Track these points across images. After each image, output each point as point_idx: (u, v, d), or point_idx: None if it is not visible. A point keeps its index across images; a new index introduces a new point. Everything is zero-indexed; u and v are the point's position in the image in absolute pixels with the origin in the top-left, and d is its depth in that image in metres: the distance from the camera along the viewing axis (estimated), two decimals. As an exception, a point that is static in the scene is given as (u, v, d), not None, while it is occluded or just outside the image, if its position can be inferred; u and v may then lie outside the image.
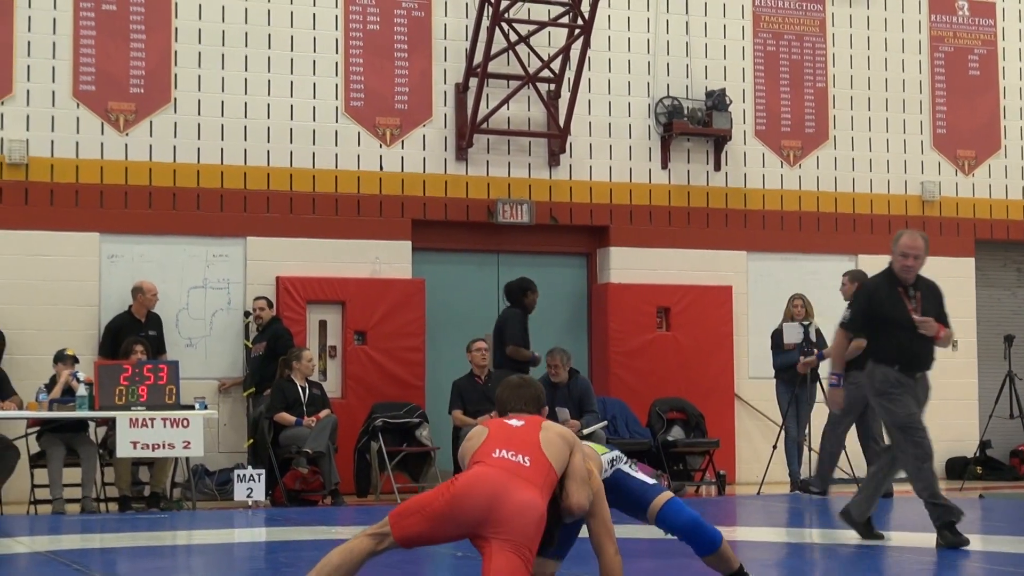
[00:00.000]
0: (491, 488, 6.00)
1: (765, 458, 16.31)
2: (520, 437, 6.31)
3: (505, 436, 6.30)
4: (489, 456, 6.18)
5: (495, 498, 5.97)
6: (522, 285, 16.14)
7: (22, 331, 15.48)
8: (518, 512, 5.96)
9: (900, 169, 19.25)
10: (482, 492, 5.98)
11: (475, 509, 5.94)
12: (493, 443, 6.25)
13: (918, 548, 9.90)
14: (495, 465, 6.11)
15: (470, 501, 5.95)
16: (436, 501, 5.99)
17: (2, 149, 15.72)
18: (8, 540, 11.10)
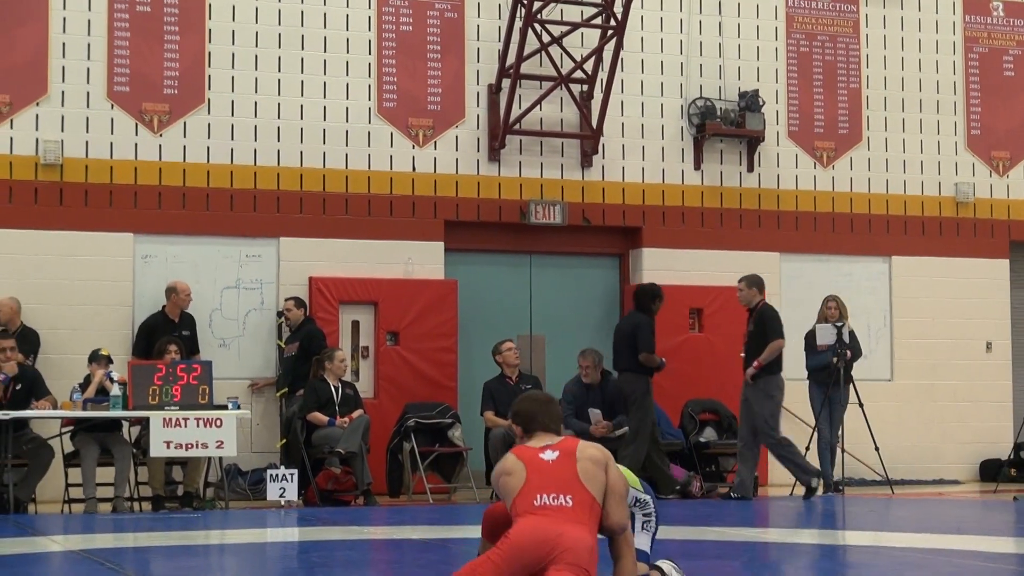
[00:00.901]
0: (543, 535, 6.18)
1: (798, 460, 16.25)
2: (558, 475, 6.42)
3: (543, 478, 6.40)
4: (531, 505, 6.31)
5: (548, 543, 6.16)
6: (652, 291, 15.91)
7: (56, 331, 15.55)
8: (572, 547, 6.16)
9: (934, 170, 19.18)
10: (535, 540, 6.16)
11: (533, 557, 6.13)
12: (534, 489, 6.36)
13: (960, 551, 9.85)
14: (540, 513, 6.25)
15: (527, 551, 6.14)
16: (494, 557, 6.16)
17: (37, 150, 15.79)
18: (42, 539, 11.15)
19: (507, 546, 6.17)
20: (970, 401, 18.88)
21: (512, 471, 6.47)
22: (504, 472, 6.51)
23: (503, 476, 6.51)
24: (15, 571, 9.13)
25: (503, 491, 6.47)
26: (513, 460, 6.54)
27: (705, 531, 11.92)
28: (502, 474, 6.52)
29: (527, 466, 6.48)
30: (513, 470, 6.47)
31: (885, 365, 18.66)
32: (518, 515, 6.31)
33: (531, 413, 6.77)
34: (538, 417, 6.73)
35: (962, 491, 17.45)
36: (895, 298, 18.80)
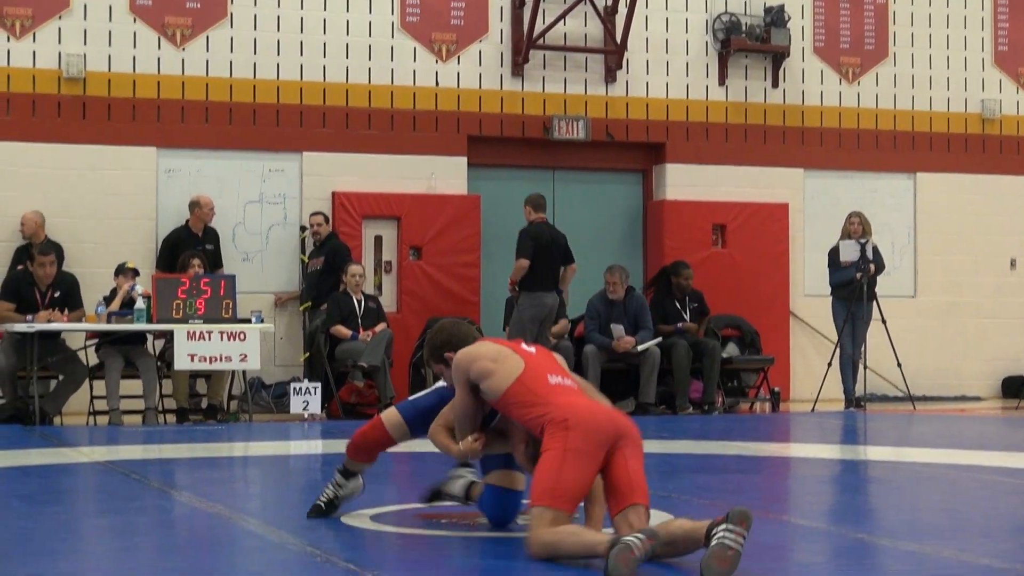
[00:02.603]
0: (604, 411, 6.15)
1: (819, 375, 16.29)
2: (549, 362, 6.39)
3: (539, 361, 6.32)
4: (547, 384, 6.20)
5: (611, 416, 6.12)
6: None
7: (80, 245, 15.59)
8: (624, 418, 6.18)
9: (960, 87, 19.04)
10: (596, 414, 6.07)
11: (608, 428, 6.02)
12: (541, 369, 6.27)
13: (982, 467, 9.87)
14: (563, 392, 6.18)
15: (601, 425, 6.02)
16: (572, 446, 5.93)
17: (60, 64, 15.77)
18: (68, 450, 11.25)
19: (584, 430, 5.96)
20: (993, 318, 18.86)
21: (498, 357, 6.30)
22: (485, 358, 6.31)
23: (483, 361, 6.29)
24: (42, 482, 9.22)
25: (492, 376, 6.23)
26: (494, 346, 6.38)
27: (726, 446, 11.98)
28: (481, 359, 6.30)
29: (515, 351, 6.36)
30: (499, 356, 6.30)
31: (908, 282, 18.63)
32: (537, 396, 6.14)
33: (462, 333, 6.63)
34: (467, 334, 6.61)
35: (984, 407, 17.47)
36: (919, 215, 18.73)
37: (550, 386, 6.21)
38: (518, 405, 6.19)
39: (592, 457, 5.96)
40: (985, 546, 6.33)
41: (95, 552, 6.45)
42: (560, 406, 6.08)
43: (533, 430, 6.17)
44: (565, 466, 5.92)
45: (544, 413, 6.08)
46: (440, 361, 6.62)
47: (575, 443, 5.94)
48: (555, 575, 5.65)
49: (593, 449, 5.95)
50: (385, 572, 5.59)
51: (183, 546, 6.55)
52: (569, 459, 5.92)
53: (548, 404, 6.10)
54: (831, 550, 6.38)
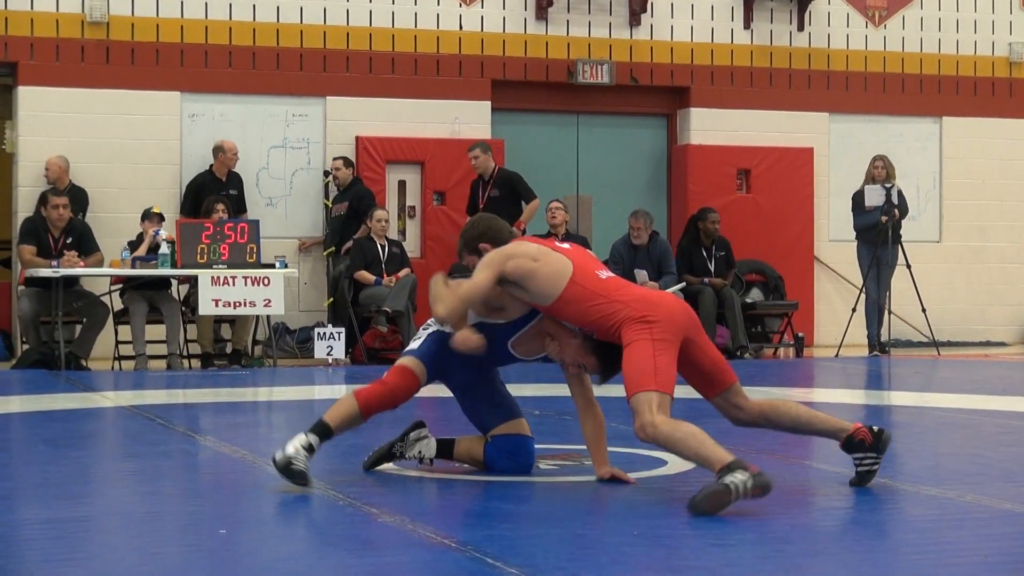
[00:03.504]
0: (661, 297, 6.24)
1: (843, 320, 16.27)
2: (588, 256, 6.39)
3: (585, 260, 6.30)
4: (598, 280, 6.17)
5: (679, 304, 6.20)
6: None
7: (105, 189, 15.62)
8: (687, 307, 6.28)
9: (987, 30, 18.90)
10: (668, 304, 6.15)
11: (683, 317, 6.13)
12: (588, 265, 6.25)
13: (1005, 412, 9.86)
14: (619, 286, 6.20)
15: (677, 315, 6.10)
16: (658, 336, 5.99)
17: (83, 8, 15.75)
18: (94, 394, 11.30)
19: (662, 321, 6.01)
20: (1018, 263, 18.79)
21: (539, 256, 6.19)
22: (526, 256, 6.18)
23: (524, 260, 6.17)
24: (68, 426, 9.27)
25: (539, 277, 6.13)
26: (533, 246, 6.27)
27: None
28: (519, 256, 6.18)
29: (555, 250, 6.27)
30: (541, 255, 6.19)
31: (934, 226, 18.56)
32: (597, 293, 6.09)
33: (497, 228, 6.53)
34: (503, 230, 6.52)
35: (1008, 353, 17.43)
36: (945, 159, 18.64)
37: (604, 282, 6.18)
38: (579, 303, 6.13)
39: (676, 347, 6.06)
40: (1007, 490, 6.33)
41: (119, 496, 6.49)
42: (629, 303, 6.09)
43: (601, 329, 6.15)
44: (659, 354, 5.98)
45: (616, 311, 6.07)
46: (474, 252, 6.50)
47: (660, 334, 6.00)
48: (587, 520, 5.67)
49: (675, 339, 6.05)
50: (408, 516, 5.61)
51: (207, 490, 6.59)
52: (660, 348, 5.99)
53: (615, 301, 6.10)
54: (853, 494, 6.38)
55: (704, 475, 6.77)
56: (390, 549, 5.15)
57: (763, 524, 5.54)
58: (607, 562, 4.86)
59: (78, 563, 4.94)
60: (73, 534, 5.41)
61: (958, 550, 5.13)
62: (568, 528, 5.46)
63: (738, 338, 15.68)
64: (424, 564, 4.90)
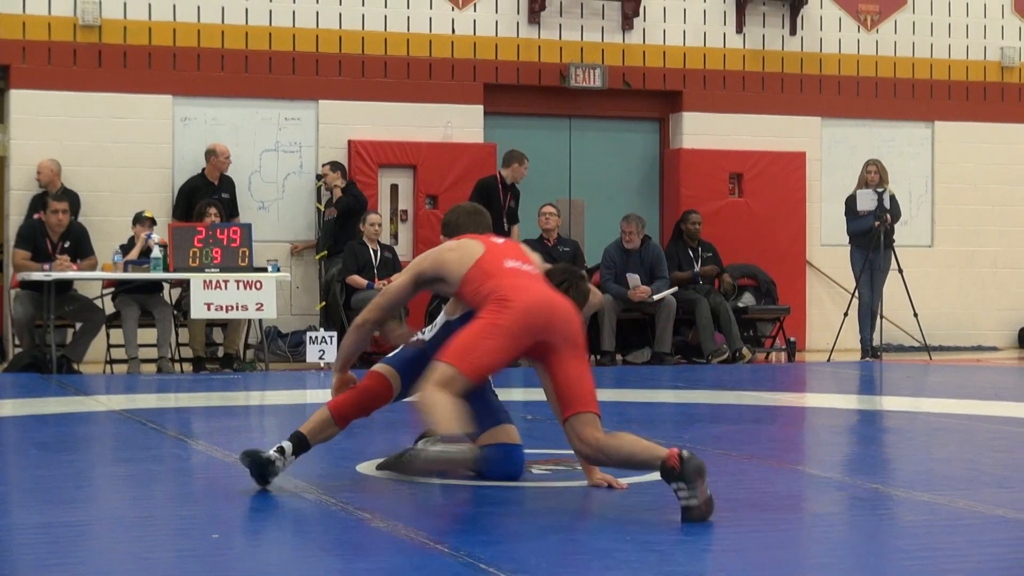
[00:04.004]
0: (540, 295, 6.00)
1: (835, 325, 16.27)
2: (513, 249, 6.29)
3: (500, 249, 6.22)
4: (502, 267, 6.09)
5: (549, 302, 5.98)
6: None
7: (97, 193, 15.60)
8: (570, 314, 6.01)
9: (979, 34, 18.92)
10: (537, 300, 5.96)
11: (542, 316, 5.92)
12: (497, 255, 6.17)
13: (997, 417, 9.88)
14: (515, 275, 6.07)
15: (537, 310, 5.92)
16: (502, 322, 5.88)
17: (75, 11, 15.74)
18: (86, 398, 11.29)
19: (517, 310, 5.89)
20: (1010, 268, 18.81)
21: (457, 247, 6.24)
22: (446, 249, 6.26)
23: (445, 252, 6.24)
24: (59, 430, 9.26)
25: (449, 264, 6.16)
26: (467, 242, 6.30)
27: (742, 395, 11.99)
28: (443, 250, 6.26)
29: (478, 240, 6.28)
30: (460, 245, 6.24)
31: (926, 231, 18.58)
32: (494, 277, 6.06)
33: (458, 223, 6.59)
34: (466, 226, 6.55)
35: (1000, 358, 17.45)
36: (937, 164, 18.65)
37: (504, 268, 6.12)
38: (472, 284, 6.10)
39: (517, 340, 5.90)
40: (999, 496, 6.34)
41: (111, 500, 6.48)
42: (506, 286, 6.01)
43: (478, 308, 6.10)
44: (488, 337, 5.88)
45: (492, 290, 6.00)
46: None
47: (506, 320, 5.89)
48: (569, 522, 5.67)
49: (520, 332, 5.89)
50: (400, 521, 5.61)
51: (199, 495, 6.58)
52: (495, 333, 5.88)
53: (498, 282, 6.03)
54: (846, 500, 6.39)
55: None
56: (382, 554, 5.15)
57: (756, 530, 5.54)
58: (599, 567, 4.87)
59: (71, 568, 4.94)
60: (66, 539, 5.41)
61: (950, 556, 5.13)
62: (560, 533, 5.46)
63: (733, 343, 15.67)
64: (416, 569, 4.90)
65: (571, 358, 5.95)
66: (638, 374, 14.15)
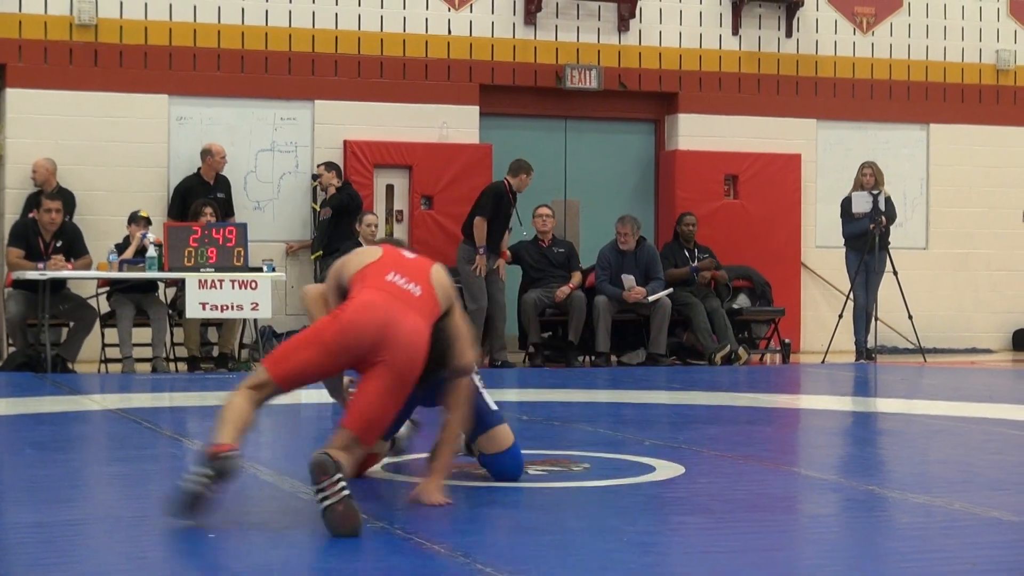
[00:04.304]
0: (383, 316, 5.80)
1: (830, 327, 16.28)
2: (414, 266, 6.13)
3: (398, 261, 6.12)
4: (381, 279, 5.98)
5: (386, 326, 5.78)
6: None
7: (92, 192, 15.59)
8: (407, 339, 5.80)
9: (975, 37, 18.95)
10: (373, 320, 5.78)
11: (366, 337, 5.75)
12: (386, 266, 6.06)
13: (992, 419, 9.88)
14: (385, 290, 5.93)
15: (361, 330, 5.76)
16: (324, 333, 5.80)
17: (72, 10, 15.74)
18: (80, 397, 11.28)
19: (344, 324, 5.77)
20: (1004, 270, 18.83)
21: (362, 252, 6.20)
22: (356, 254, 6.21)
23: (353, 257, 6.17)
24: (54, 429, 9.25)
25: (346, 269, 6.10)
26: (371, 248, 6.28)
27: (737, 397, 11.99)
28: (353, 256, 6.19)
29: (385, 251, 6.20)
30: (365, 252, 6.20)
31: (920, 233, 18.59)
32: (363, 287, 5.95)
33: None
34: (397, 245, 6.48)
35: (994, 360, 17.47)
36: (932, 166, 18.67)
37: (380, 280, 5.98)
38: (350, 292, 6.01)
39: (332, 356, 5.78)
40: (995, 498, 6.34)
41: (106, 500, 6.48)
42: (358, 298, 5.90)
43: None
44: (305, 347, 5.81)
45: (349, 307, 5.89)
46: None
47: (327, 335, 5.79)
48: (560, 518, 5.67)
49: (337, 349, 5.77)
50: (397, 521, 5.61)
51: (194, 494, 6.56)
52: (313, 343, 5.80)
53: (358, 292, 5.94)
54: (841, 502, 6.39)
55: (691, 483, 6.78)
56: (379, 554, 5.15)
57: (751, 532, 5.54)
58: (596, 568, 4.86)
59: (66, 567, 4.93)
60: (60, 538, 5.40)
61: (946, 558, 5.13)
62: (557, 534, 5.46)
63: (726, 343, 15.67)
64: (413, 569, 4.90)
65: (378, 378, 5.76)
66: (633, 375, 14.15)
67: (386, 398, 5.78)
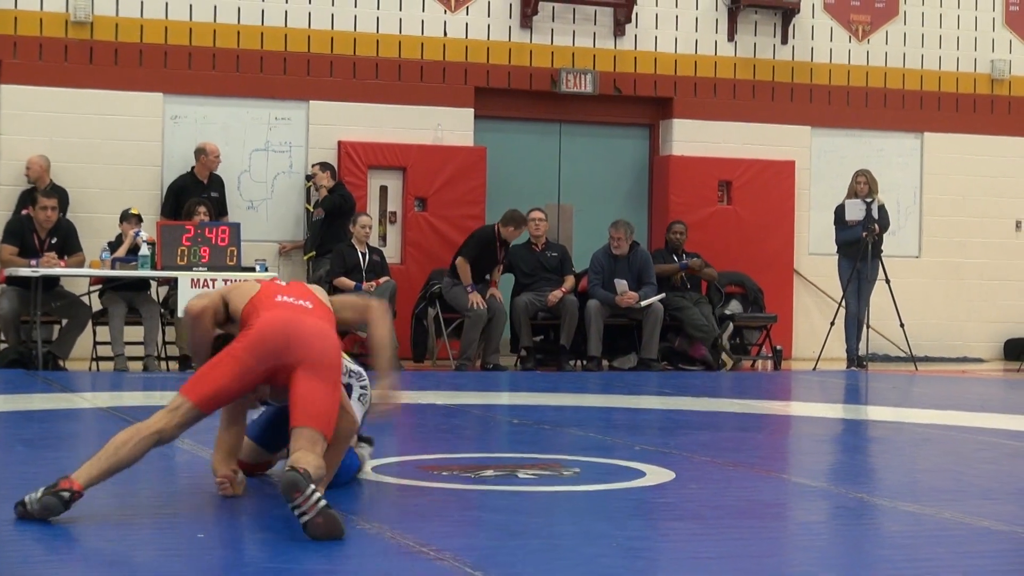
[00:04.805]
0: (285, 321, 5.99)
1: (822, 334, 16.29)
2: (296, 288, 6.32)
3: (279, 287, 6.29)
4: (272, 301, 6.13)
5: (291, 327, 5.97)
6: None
7: (85, 189, 15.58)
8: (316, 336, 5.99)
9: (970, 46, 18.97)
10: (277, 327, 5.97)
11: (275, 344, 5.92)
12: (271, 291, 6.22)
13: (982, 428, 9.89)
14: (280, 307, 6.09)
15: (268, 338, 5.93)
16: (234, 350, 5.95)
17: (67, 7, 15.72)
18: (71, 395, 11.27)
19: (251, 336, 5.95)
20: (997, 280, 18.85)
21: (240, 288, 6.30)
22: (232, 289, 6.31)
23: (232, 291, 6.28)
24: (45, 426, 9.24)
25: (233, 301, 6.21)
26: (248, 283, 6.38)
27: (728, 403, 12.00)
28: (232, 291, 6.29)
29: (261, 282, 6.37)
30: (245, 287, 6.31)
31: (913, 242, 18.61)
32: (258, 312, 6.08)
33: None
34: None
35: (986, 369, 17.48)
36: (926, 175, 18.69)
37: (273, 303, 6.14)
38: (244, 323, 6.13)
39: (249, 370, 5.92)
40: (985, 508, 6.35)
41: (96, 498, 6.46)
42: (260, 317, 6.05)
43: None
44: (220, 367, 5.93)
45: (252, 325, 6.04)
46: None
47: (239, 351, 5.94)
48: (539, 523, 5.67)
49: (252, 362, 5.91)
50: (387, 524, 5.61)
51: (183, 493, 6.57)
52: (227, 362, 5.93)
53: (258, 317, 6.06)
54: (830, 509, 6.40)
55: (681, 488, 6.79)
56: (368, 557, 5.15)
57: (741, 538, 5.55)
58: (585, 573, 4.87)
59: (54, 565, 4.93)
60: (49, 536, 5.40)
61: (936, 567, 5.14)
62: (546, 538, 5.46)
63: (713, 351, 15.68)
64: (401, 573, 4.90)
65: (305, 377, 5.89)
66: (624, 380, 14.15)
67: (322, 387, 5.89)
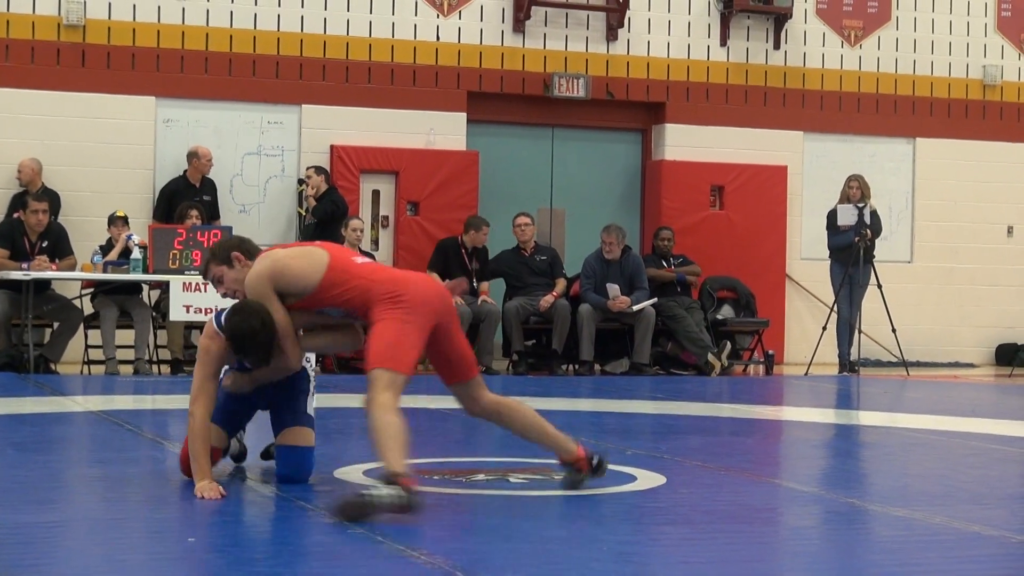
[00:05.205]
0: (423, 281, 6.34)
1: (814, 339, 16.29)
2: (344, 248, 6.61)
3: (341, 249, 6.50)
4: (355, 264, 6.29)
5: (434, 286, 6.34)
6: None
7: (77, 193, 15.56)
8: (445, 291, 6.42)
9: (962, 52, 18.99)
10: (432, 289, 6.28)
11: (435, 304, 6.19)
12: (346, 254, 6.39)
13: (973, 434, 9.90)
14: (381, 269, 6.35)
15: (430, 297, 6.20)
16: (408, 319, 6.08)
17: (60, 11, 15.71)
18: (62, 399, 11.26)
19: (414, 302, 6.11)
20: (989, 285, 18.86)
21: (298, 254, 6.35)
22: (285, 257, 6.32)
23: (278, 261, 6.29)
24: (35, 430, 9.23)
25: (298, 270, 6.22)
26: (281, 250, 6.43)
27: (720, 408, 12.00)
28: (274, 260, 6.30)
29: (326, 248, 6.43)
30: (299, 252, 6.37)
31: (905, 247, 18.62)
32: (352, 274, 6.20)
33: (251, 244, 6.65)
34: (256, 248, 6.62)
35: (977, 374, 17.50)
36: (918, 180, 18.71)
37: (359, 266, 6.28)
38: (337, 288, 6.21)
39: (424, 329, 6.13)
40: (975, 513, 6.35)
41: (87, 502, 6.46)
42: (383, 281, 6.19)
43: (357, 307, 6.26)
44: (403, 333, 6.07)
45: (369, 288, 6.17)
46: (225, 261, 6.58)
47: (407, 314, 6.09)
48: (551, 531, 5.68)
49: (424, 320, 6.12)
50: (377, 528, 5.60)
51: (175, 498, 6.56)
52: (407, 328, 6.08)
53: (368, 280, 6.19)
54: (821, 514, 6.40)
55: (672, 493, 6.79)
56: (358, 560, 5.15)
57: (731, 543, 5.55)
58: (575, 577, 4.86)
59: (44, 568, 4.92)
60: (40, 539, 5.39)
61: (926, 571, 5.14)
62: (537, 543, 5.46)
63: (702, 356, 15.68)
64: (393, 575, 4.89)
65: (457, 331, 6.32)
66: (616, 384, 14.15)
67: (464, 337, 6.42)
